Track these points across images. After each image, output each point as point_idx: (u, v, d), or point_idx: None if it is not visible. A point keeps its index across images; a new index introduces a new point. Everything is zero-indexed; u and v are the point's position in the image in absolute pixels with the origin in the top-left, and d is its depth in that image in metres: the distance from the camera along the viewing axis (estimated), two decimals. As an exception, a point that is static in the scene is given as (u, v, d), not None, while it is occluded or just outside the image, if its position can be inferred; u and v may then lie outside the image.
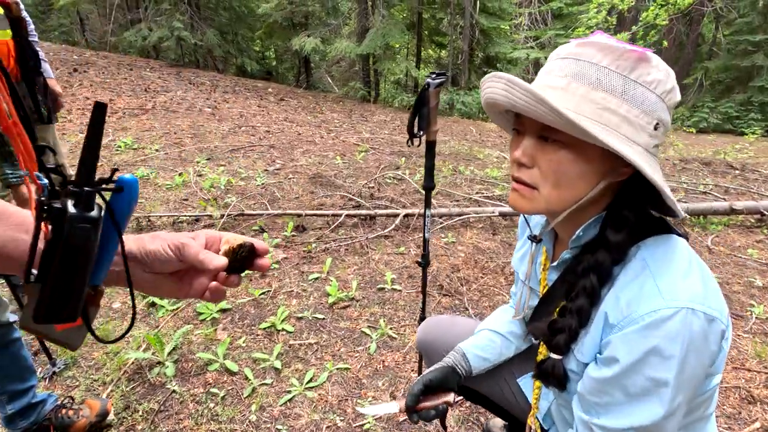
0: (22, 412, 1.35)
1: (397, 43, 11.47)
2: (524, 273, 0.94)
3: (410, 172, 4.53)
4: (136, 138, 4.73)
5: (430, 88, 1.13)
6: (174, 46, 10.83)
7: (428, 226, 1.31)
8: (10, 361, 1.31)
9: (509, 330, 1.08)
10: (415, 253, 2.80)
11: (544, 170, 0.68)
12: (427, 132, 1.18)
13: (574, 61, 0.66)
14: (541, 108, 0.60)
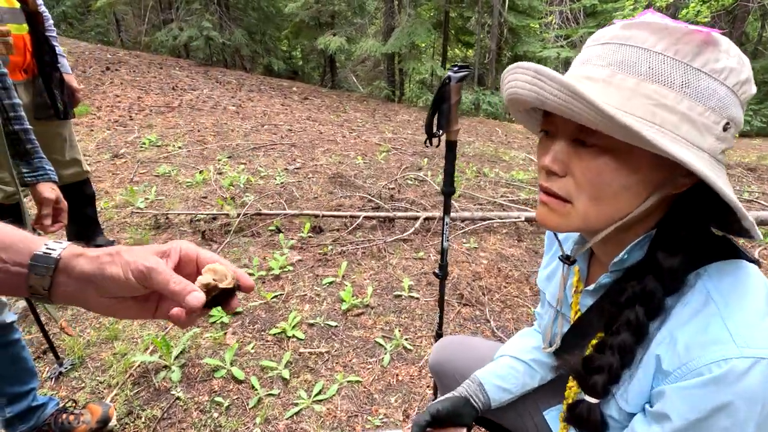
0: (22, 416, 1.31)
1: (423, 42, 11.33)
2: (553, 295, 0.82)
3: (432, 173, 4.40)
4: (161, 135, 4.78)
5: (451, 83, 1.02)
6: (203, 45, 11.03)
7: (447, 234, 1.19)
8: (10, 362, 1.27)
9: (534, 357, 0.96)
10: (434, 258, 2.68)
11: (579, 180, 0.56)
12: (447, 131, 1.07)
13: (620, 47, 0.54)
14: (577, 105, 0.48)
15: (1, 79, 1.06)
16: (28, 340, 1.79)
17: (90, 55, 8.51)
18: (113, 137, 4.57)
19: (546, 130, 0.61)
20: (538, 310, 1.01)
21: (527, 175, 4.69)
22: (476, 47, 11.32)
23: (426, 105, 10.22)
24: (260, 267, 2.41)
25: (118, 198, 3.22)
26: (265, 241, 2.76)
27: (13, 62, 1.69)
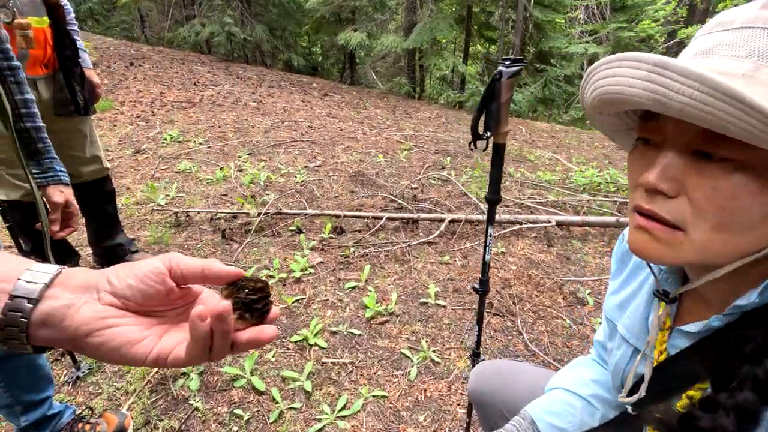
0: (38, 425, 1.26)
1: (445, 37, 11.12)
2: (630, 330, 0.69)
3: (456, 173, 4.27)
4: (182, 131, 4.77)
5: (502, 78, 0.90)
6: (224, 41, 11.07)
7: (490, 246, 1.08)
8: (26, 370, 1.21)
9: (593, 392, 0.84)
10: (460, 263, 2.56)
11: (700, 204, 0.44)
12: (495, 133, 0.95)
13: (764, 32, 0.42)
14: (727, 109, 0.37)
15: (14, 72, 0.99)
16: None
17: (115, 50, 8.61)
18: (135, 132, 4.58)
19: (646, 138, 0.49)
20: (599, 338, 0.89)
21: (554, 176, 4.51)
22: (499, 43, 11.06)
23: (447, 102, 10.05)
24: (281, 269, 2.34)
25: (139, 194, 3.19)
26: (286, 241, 2.68)
27: (33, 56, 1.64)
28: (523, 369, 1.02)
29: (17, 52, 1.57)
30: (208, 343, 0.37)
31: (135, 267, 0.39)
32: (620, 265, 0.76)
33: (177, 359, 0.38)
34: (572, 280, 2.46)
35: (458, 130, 6.78)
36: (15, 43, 1.54)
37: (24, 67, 1.63)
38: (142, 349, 0.37)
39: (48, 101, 1.75)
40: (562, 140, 7.05)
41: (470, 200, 3.49)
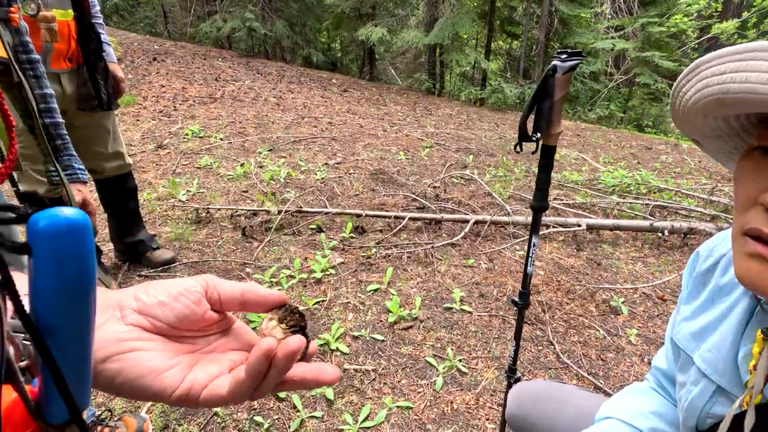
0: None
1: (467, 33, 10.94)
2: (710, 363, 0.60)
3: (479, 172, 4.16)
4: (203, 126, 4.78)
5: (557, 74, 0.82)
6: (245, 36, 11.12)
7: (533, 257, 0.99)
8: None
9: (652, 426, 0.75)
10: (486, 267, 2.47)
11: None
12: (546, 134, 0.86)
13: None
14: None
15: (33, 66, 0.95)
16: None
17: (138, 46, 8.73)
18: (158, 127, 4.60)
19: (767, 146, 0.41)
20: (661, 365, 0.80)
21: (581, 176, 4.35)
22: (522, 38, 10.81)
23: (468, 99, 9.88)
24: (301, 269, 2.29)
25: (160, 190, 3.19)
26: (306, 240, 2.63)
27: (57, 50, 1.61)
28: (568, 392, 0.94)
29: (41, 45, 1.54)
30: (259, 381, 0.31)
31: (168, 284, 0.34)
32: (697, 288, 0.67)
33: (214, 396, 0.32)
34: (604, 287, 2.34)
35: (480, 128, 6.64)
36: (39, 36, 1.51)
37: (48, 60, 1.60)
38: (169, 381, 0.31)
39: (71, 96, 1.72)
40: (588, 139, 6.84)
41: (495, 200, 3.38)
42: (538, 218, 0.97)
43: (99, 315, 0.31)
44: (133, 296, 0.33)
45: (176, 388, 0.31)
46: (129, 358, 0.30)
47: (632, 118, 11.03)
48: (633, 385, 0.86)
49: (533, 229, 0.98)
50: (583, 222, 2.86)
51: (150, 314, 0.32)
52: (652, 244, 2.91)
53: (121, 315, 0.32)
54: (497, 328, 1.97)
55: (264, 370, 0.30)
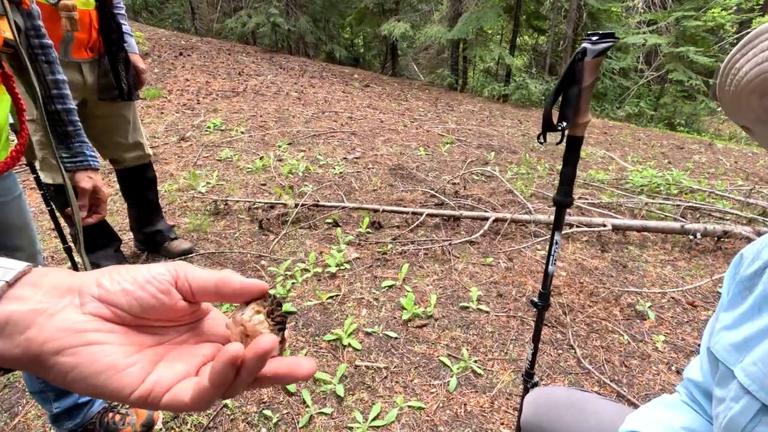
0: (69, 412, 1.25)
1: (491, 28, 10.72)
2: (755, 379, 0.54)
3: (500, 169, 4.06)
4: (225, 119, 4.82)
5: (586, 57, 0.75)
6: (269, 32, 11.21)
7: (555, 255, 0.93)
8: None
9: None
10: (504, 266, 2.40)
11: None
12: (573, 124, 0.80)
13: None
14: None
15: (45, 51, 0.94)
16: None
17: (166, 41, 8.91)
18: (181, 120, 4.67)
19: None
20: (695, 377, 0.73)
21: (607, 175, 4.20)
22: (549, 33, 10.53)
23: (491, 95, 9.70)
24: (316, 263, 2.27)
25: (181, 181, 3.23)
26: (322, 234, 2.61)
27: (78, 39, 1.62)
28: (589, 401, 0.88)
29: (62, 34, 1.55)
30: (225, 390, 0.28)
31: (135, 270, 0.31)
32: (741, 294, 0.60)
33: (176, 402, 0.28)
34: (630, 291, 2.24)
35: (502, 125, 6.51)
36: (60, 24, 1.53)
37: (69, 50, 1.62)
38: (129, 379, 0.27)
39: (93, 85, 1.74)
40: (616, 137, 6.61)
41: (516, 198, 3.29)
42: (561, 214, 0.90)
43: (56, 300, 0.28)
44: (95, 282, 0.29)
45: (136, 388, 0.27)
46: (86, 352, 0.27)
47: (663, 116, 10.62)
48: (662, 396, 0.79)
49: (556, 226, 0.92)
50: (608, 222, 2.75)
51: (112, 303, 0.29)
52: (683, 247, 2.77)
53: (80, 302, 0.28)
54: (515, 329, 1.90)
55: (230, 377, 0.26)
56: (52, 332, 0.26)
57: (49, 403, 1.22)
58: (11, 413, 1.39)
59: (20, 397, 1.44)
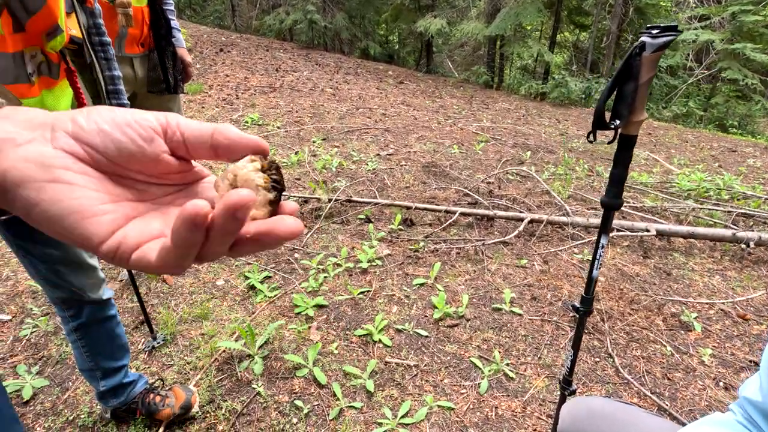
0: (114, 390, 1.31)
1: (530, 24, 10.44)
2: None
3: (537, 169, 3.95)
4: (262, 114, 4.93)
5: (644, 52, 0.71)
6: (306, 28, 11.36)
7: (600, 259, 0.90)
8: (106, 338, 1.25)
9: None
10: (539, 269, 2.33)
11: None
12: (627, 122, 0.76)
13: None
14: None
15: (104, 48, 0.99)
16: (128, 308, 1.85)
17: (207, 38, 9.20)
18: (221, 115, 4.81)
19: None
20: (754, 397, 0.68)
21: (651, 178, 4.00)
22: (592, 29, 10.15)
23: (528, 93, 9.46)
24: (348, 258, 2.29)
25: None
26: (354, 230, 2.63)
27: (132, 35, 1.70)
28: (631, 414, 0.84)
29: (117, 30, 1.63)
30: (196, 251, 0.24)
31: (116, 111, 0.27)
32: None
33: (144, 261, 0.24)
34: (675, 300, 2.13)
35: (539, 123, 6.33)
36: (116, 21, 1.60)
37: (122, 45, 1.70)
38: (97, 228, 0.24)
39: (142, 79, 1.81)
40: (661, 138, 6.30)
41: (553, 199, 3.19)
42: (609, 216, 0.86)
43: (26, 133, 0.25)
44: (69, 119, 0.26)
45: (105, 239, 0.24)
46: (50, 189, 0.24)
47: (714, 117, 10.03)
48: (714, 415, 0.74)
49: (602, 229, 0.88)
50: (652, 227, 2.62)
51: (87, 142, 0.25)
52: (734, 256, 2.61)
53: (51, 137, 0.25)
54: (549, 334, 1.85)
55: (195, 238, 0.22)
56: (16, 161, 0.24)
57: (96, 381, 1.29)
58: (63, 388, 1.47)
59: (71, 374, 1.52)
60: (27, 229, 0.99)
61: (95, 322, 1.20)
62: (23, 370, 1.50)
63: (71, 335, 1.20)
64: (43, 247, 1.00)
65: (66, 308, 1.15)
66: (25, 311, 1.80)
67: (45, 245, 1.00)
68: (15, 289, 1.93)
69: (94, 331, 1.21)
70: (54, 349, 1.63)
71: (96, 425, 1.35)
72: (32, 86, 0.80)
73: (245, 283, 2.05)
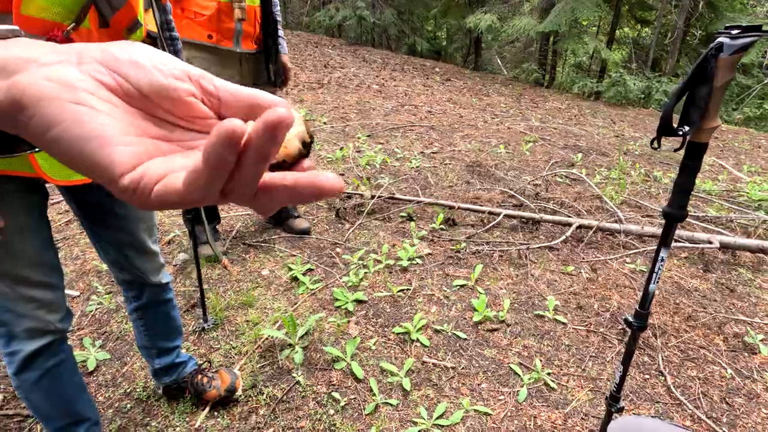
0: (167, 369, 1.40)
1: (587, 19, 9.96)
2: None
3: (588, 172, 3.78)
4: (309, 110, 5.04)
5: (722, 54, 0.66)
6: (355, 24, 11.48)
7: (659, 273, 0.85)
8: (163, 319, 1.34)
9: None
10: (587, 277, 2.24)
11: None
12: (697, 128, 0.71)
13: None
14: None
15: (174, 43, 1.05)
16: (180, 292, 1.96)
17: (260, 34, 9.51)
18: (270, 109, 4.97)
19: None
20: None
21: (716, 185, 3.72)
22: (656, 25, 9.52)
23: (581, 92, 9.04)
24: (389, 255, 2.30)
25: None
26: (396, 227, 2.64)
27: (246, 32, 1.89)
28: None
29: (234, 27, 1.84)
30: (224, 177, 0.21)
31: (152, 49, 0.26)
32: None
33: (168, 191, 0.22)
34: (738, 319, 1.97)
35: (593, 124, 6.05)
36: (232, 17, 1.80)
37: (239, 41, 1.90)
38: (119, 157, 0.22)
39: (249, 74, 2.02)
40: (729, 143, 5.83)
41: (604, 205, 3.04)
42: (671, 228, 0.81)
43: (53, 55, 0.24)
44: (99, 48, 0.24)
45: (127, 171, 0.22)
46: (72, 110, 0.22)
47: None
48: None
49: (663, 242, 0.83)
50: (715, 239, 2.44)
51: (117, 70, 0.24)
52: (810, 275, 2.38)
53: (77, 60, 0.24)
54: (595, 345, 1.77)
55: (228, 157, 0.20)
56: (38, 78, 0.22)
57: (152, 359, 1.38)
58: (122, 362, 1.59)
59: (129, 349, 1.64)
60: (101, 215, 1.07)
61: (154, 303, 1.29)
62: (88, 343, 1.64)
63: (133, 314, 1.29)
64: (114, 232, 1.09)
65: (129, 289, 1.24)
66: (91, 289, 1.96)
67: (116, 231, 1.09)
68: (83, 267, 2.10)
69: (152, 312, 1.30)
70: (115, 325, 1.76)
71: (149, 399, 1.45)
72: None
73: (288, 275, 2.11)
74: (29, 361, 0.97)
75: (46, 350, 0.99)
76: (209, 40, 1.82)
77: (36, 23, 0.70)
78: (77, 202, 1.05)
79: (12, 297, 0.90)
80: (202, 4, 1.76)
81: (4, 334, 0.94)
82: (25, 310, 0.92)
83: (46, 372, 1.01)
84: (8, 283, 0.88)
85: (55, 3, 0.71)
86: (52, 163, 0.82)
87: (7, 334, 0.94)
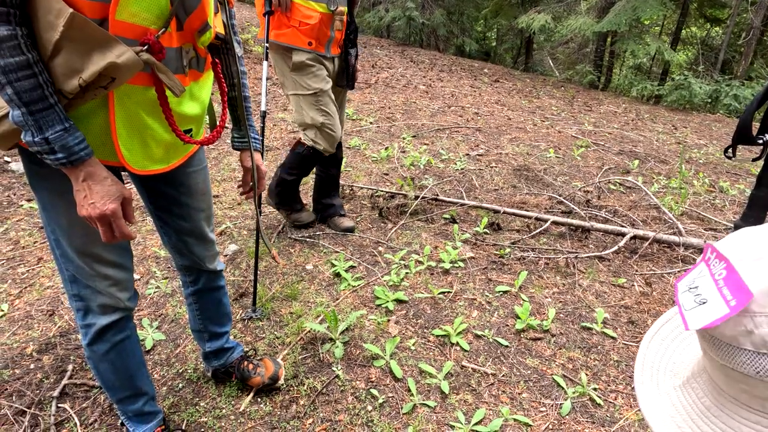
0: (216, 353, 1.47)
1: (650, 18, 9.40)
2: None
3: (645, 180, 3.57)
4: (357, 110, 5.11)
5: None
6: (404, 25, 11.48)
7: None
8: (215, 304, 1.41)
9: None
10: (639, 290, 2.12)
11: None
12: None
13: None
14: None
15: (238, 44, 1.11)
16: (229, 281, 2.06)
17: (311, 35, 9.75)
18: (318, 108, 5.09)
19: None
20: None
21: (793, 199, 3.39)
22: (729, 23, 8.83)
23: (640, 95, 8.55)
24: (430, 257, 2.29)
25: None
26: (438, 229, 2.62)
27: (336, 39, 2.06)
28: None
29: (329, 34, 2.02)
30: None
31: None
32: None
33: None
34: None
35: (651, 129, 5.71)
36: (330, 26, 1.99)
37: (330, 47, 2.07)
38: None
39: (333, 75, 2.18)
40: (810, 153, 5.30)
41: (662, 215, 2.87)
42: (744, 244, 0.75)
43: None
44: None
45: None
46: None
47: None
48: None
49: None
50: (790, 258, 2.23)
51: None
52: None
53: None
54: (647, 363, 1.67)
55: None
56: None
57: (203, 342, 1.46)
58: (175, 344, 1.69)
59: (182, 332, 1.74)
60: (168, 204, 1.15)
61: (208, 289, 1.36)
62: (146, 324, 1.75)
63: (188, 299, 1.37)
64: (177, 219, 1.17)
65: (187, 274, 1.32)
66: (150, 273, 2.10)
67: (179, 218, 1.17)
68: (144, 253, 2.25)
69: (206, 298, 1.37)
70: (170, 309, 1.88)
71: (199, 381, 1.54)
72: (185, 77, 0.94)
73: (331, 270, 2.16)
74: (101, 334, 1.06)
75: (116, 326, 1.08)
76: (309, 46, 2.01)
77: (128, 28, 0.78)
78: (148, 190, 1.13)
79: (90, 274, 0.98)
80: (307, 14, 1.95)
81: (81, 308, 1.03)
82: (101, 286, 1.00)
83: (114, 345, 1.09)
84: (88, 261, 0.97)
85: (144, 9, 0.78)
86: (134, 154, 0.90)
87: (84, 308, 1.03)
